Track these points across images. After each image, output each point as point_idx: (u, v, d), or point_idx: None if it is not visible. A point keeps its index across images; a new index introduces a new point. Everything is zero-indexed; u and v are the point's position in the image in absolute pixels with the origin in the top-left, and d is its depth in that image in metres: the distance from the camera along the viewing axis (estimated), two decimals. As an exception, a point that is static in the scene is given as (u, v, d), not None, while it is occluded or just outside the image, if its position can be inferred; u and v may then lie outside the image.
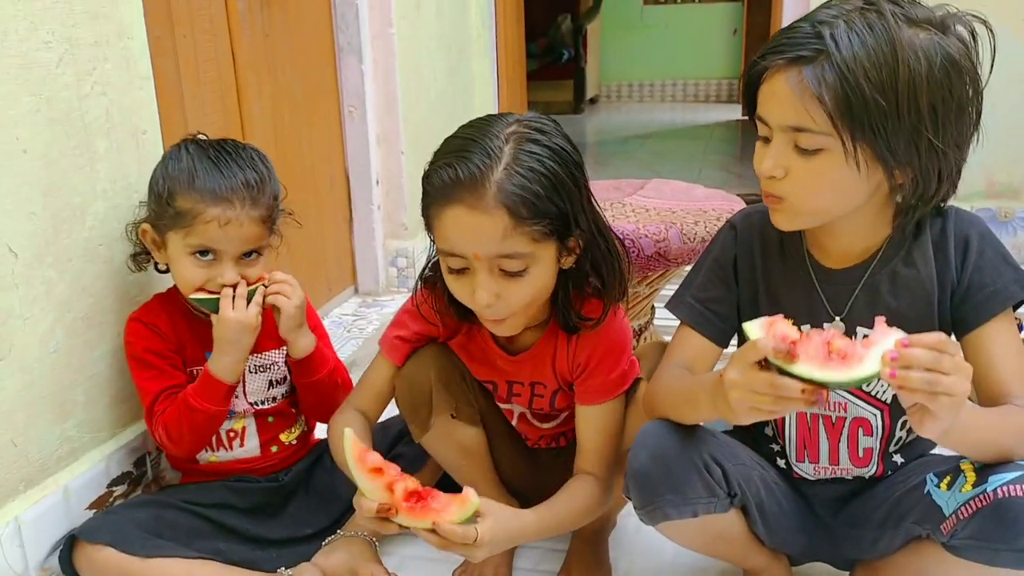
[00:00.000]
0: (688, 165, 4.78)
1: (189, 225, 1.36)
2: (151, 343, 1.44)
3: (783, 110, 1.06)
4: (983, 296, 1.15)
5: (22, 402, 1.32)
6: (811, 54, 1.02)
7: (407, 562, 1.51)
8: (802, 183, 1.08)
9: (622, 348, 1.32)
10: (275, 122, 2.23)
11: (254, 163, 1.42)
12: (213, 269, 1.38)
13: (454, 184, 1.13)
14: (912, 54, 1.01)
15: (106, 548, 1.30)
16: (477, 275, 1.17)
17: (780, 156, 1.08)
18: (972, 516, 1.04)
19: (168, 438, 1.41)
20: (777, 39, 1.07)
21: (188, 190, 1.36)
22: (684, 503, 1.15)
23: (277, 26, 2.21)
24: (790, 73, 1.04)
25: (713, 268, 1.27)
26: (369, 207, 2.68)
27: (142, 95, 1.53)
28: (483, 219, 1.12)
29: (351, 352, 2.32)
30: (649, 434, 1.17)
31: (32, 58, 1.29)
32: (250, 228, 1.38)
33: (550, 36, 6.89)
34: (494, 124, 1.18)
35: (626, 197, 2.02)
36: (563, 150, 1.18)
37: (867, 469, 1.26)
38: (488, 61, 3.58)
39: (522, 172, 1.13)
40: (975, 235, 1.17)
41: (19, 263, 1.30)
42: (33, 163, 1.31)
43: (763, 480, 1.25)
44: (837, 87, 1.01)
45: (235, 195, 1.36)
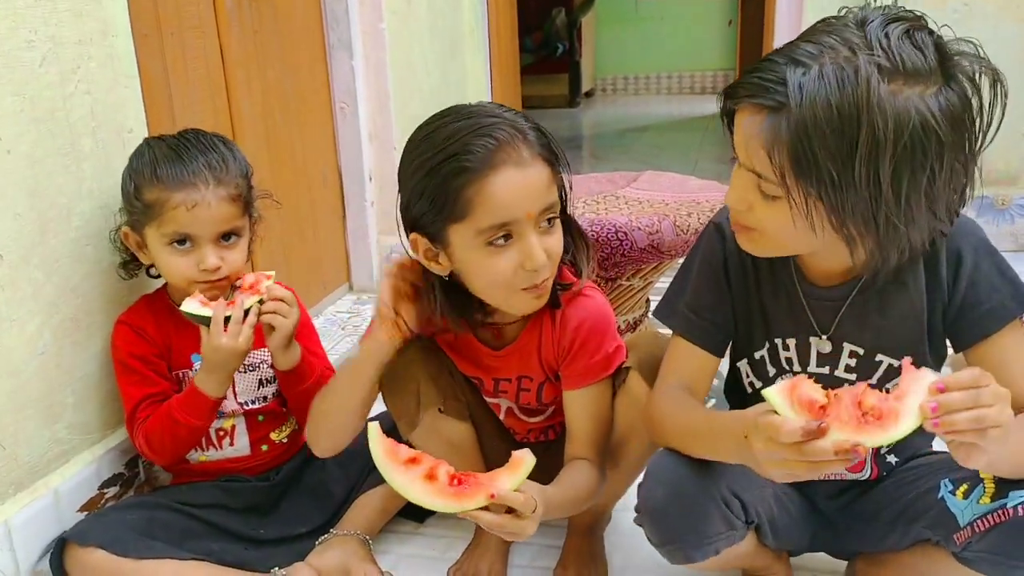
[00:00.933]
0: (685, 157, 4.77)
1: (159, 215, 1.35)
2: (136, 347, 1.43)
3: (744, 150, 1.02)
4: (977, 315, 1.09)
5: (10, 405, 1.31)
6: (774, 104, 0.95)
7: (403, 560, 1.50)
8: (762, 223, 1.05)
9: (604, 329, 1.31)
10: (266, 120, 2.22)
11: (214, 145, 1.41)
12: (193, 255, 1.37)
13: (496, 149, 1.13)
14: (882, 119, 0.91)
15: (97, 550, 1.29)
16: (527, 238, 1.16)
17: (745, 191, 1.04)
18: (989, 530, 1.02)
19: (149, 447, 1.41)
20: (753, 71, 1.00)
21: (152, 181, 1.36)
22: (706, 543, 1.13)
23: (266, 22, 2.20)
24: (753, 118, 0.98)
25: (703, 272, 1.23)
26: (362, 204, 2.66)
27: (127, 93, 1.51)
28: (531, 172, 1.15)
29: (346, 350, 2.30)
30: (664, 468, 1.14)
31: (15, 57, 1.28)
32: (219, 208, 1.37)
33: (545, 30, 6.87)
34: (483, 106, 1.20)
35: (619, 189, 2.01)
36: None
37: (861, 475, 1.25)
38: (481, 55, 3.56)
39: (534, 128, 1.18)
40: (968, 249, 1.09)
41: (5, 264, 1.29)
42: (17, 163, 1.30)
43: (775, 496, 1.23)
44: (790, 146, 0.94)
45: (197, 177, 1.36)
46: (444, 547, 1.53)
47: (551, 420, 1.45)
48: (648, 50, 7.46)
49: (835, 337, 1.17)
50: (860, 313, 1.14)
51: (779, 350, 1.21)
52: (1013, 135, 2.82)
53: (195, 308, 1.35)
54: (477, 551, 1.47)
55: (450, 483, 1.05)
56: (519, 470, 1.06)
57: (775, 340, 1.21)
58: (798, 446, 0.90)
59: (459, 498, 1.04)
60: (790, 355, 1.20)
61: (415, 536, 1.57)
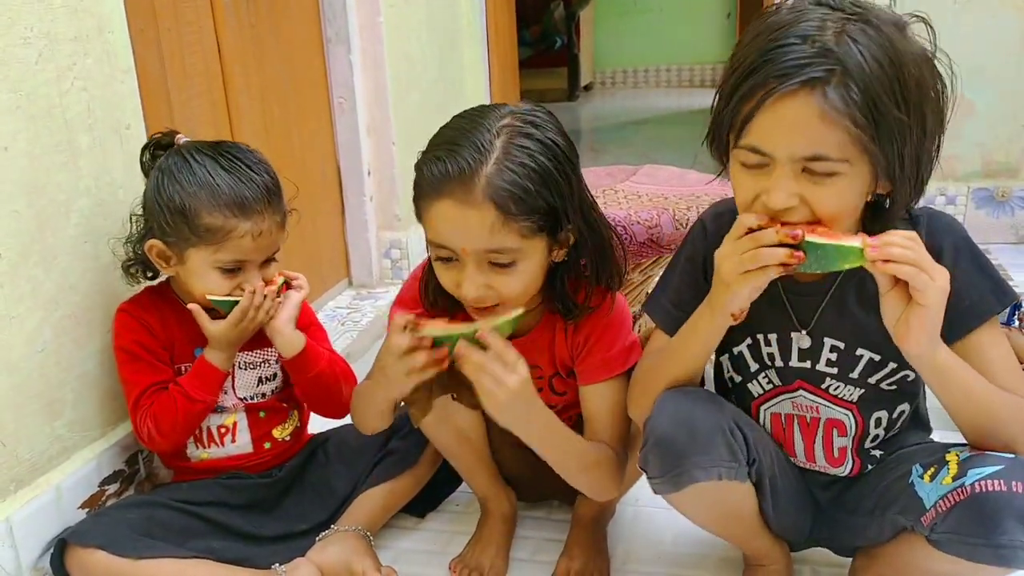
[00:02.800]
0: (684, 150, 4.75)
1: (220, 242, 1.33)
2: (138, 336, 1.42)
3: (796, 139, 0.98)
4: (958, 312, 1.08)
5: (10, 402, 1.31)
6: (825, 74, 0.95)
7: (403, 555, 1.50)
8: (821, 207, 1.01)
9: (620, 324, 1.31)
10: (264, 115, 2.21)
11: (263, 165, 1.39)
12: (238, 279, 1.38)
13: (443, 178, 1.12)
14: (911, 61, 0.97)
15: (97, 551, 1.28)
16: (465, 268, 1.16)
17: (792, 183, 1.00)
18: (950, 510, 1.03)
19: (158, 431, 1.39)
20: (768, 58, 0.98)
21: (215, 206, 1.33)
22: (711, 464, 1.12)
23: (263, 17, 2.19)
24: (806, 98, 0.95)
25: (686, 268, 1.25)
26: (361, 199, 2.66)
27: (124, 89, 1.51)
28: (471, 214, 1.12)
29: (346, 345, 2.30)
30: (667, 401, 1.15)
31: (11, 54, 1.28)
32: (275, 235, 1.38)
33: (543, 23, 6.85)
34: (487, 116, 1.17)
35: (618, 183, 2.01)
36: (555, 145, 1.17)
37: (842, 468, 1.25)
38: (479, 49, 3.55)
39: (512, 167, 1.12)
40: (949, 245, 1.10)
41: (4, 262, 1.28)
42: (15, 161, 1.29)
43: (776, 454, 1.24)
44: (865, 107, 0.95)
45: (262, 204, 1.35)
46: (445, 542, 1.54)
47: (560, 414, 1.44)
48: (647, 43, 7.44)
49: (815, 332, 1.18)
50: (840, 306, 1.15)
51: (761, 346, 1.22)
52: (1013, 127, 2.82)
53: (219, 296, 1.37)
54: (479, 545, 1.47)
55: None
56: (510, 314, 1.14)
57: (757, 336, 1.22)
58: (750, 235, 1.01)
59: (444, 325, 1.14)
60: (772, 350, 1.22)
61: (416, 531, 1.58)
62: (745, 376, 1.26)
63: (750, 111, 1.00)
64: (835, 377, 1.19)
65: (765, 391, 1.25)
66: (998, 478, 0.99)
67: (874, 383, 1.19)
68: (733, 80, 1.03)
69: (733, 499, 1.20)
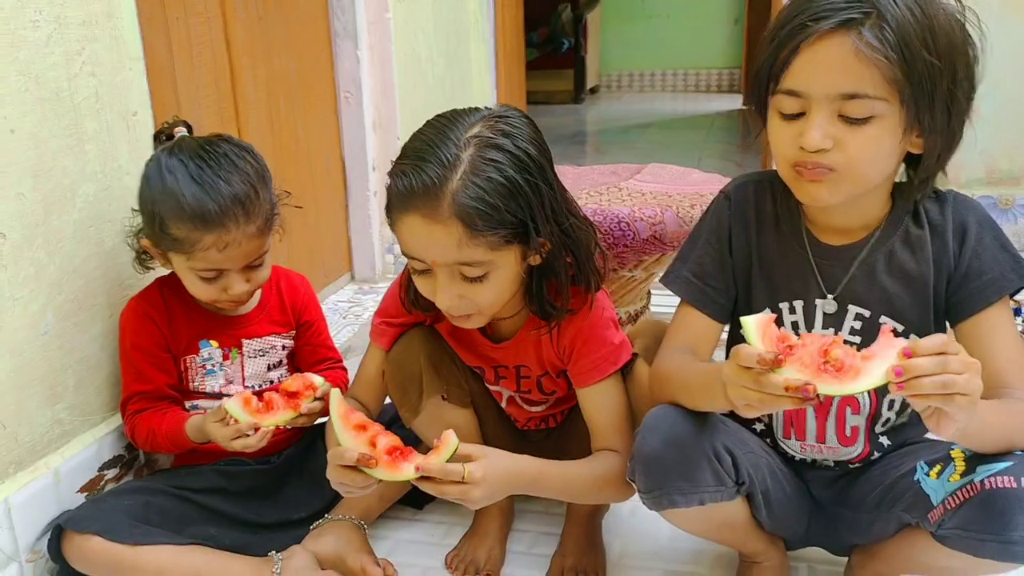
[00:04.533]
0: (689, 154, 4.76)
1: (189, 251, 1.34)
2: (140, 338, 1.43)
3: (834, 77, 1.01)
4: (980, 284, 1.13)
5: (12, 384, 1.31)
6: (861, 16, 0.99)
7: (401, 545, 1.51)
8: (853, 153, 1.04)
9: (604, 325, 1.31)
10: (270, 107, 2.22)
11: (239, 170, 1.35)
12: (220, 283, 1.38)
13: (409, 193, 1.12)
14: (942, 15, 1.01)
15: (94, 537, 1.29)
16: (437, 280, 1.17)
17: (828, 126, 1.03)
18: (959, 507, 1.03)
19: (134, 439, 1.45)
20: (804, 7, 1.03)
21: (178, 218, 1.32)
22: (692, 491, 1.13)
23: (271, 10, 2.20)
24: (842, 37, 1.00)
25: (709, 240, 1.25)
26: (365, 194, 2.67)
27: (132, 76, 1.51)
28: (438, 229, 1.11)
29: (347, 338, 2.31)
30: (660, 418, 1.15)
31: (20, 36, 1.28)
32: (249, 244, 1.36)
33: (551, 25, 6.87)
34: (457, 126, 1.14)
35: (623, 181, 2.01)
36: (526, 155, 1.14)
37: (853, 449, 1.25)
38: (486, 48, 3.56)
39: (478, 183, 1.10)
40: (973, 221, 1.14)
41: (8, 244, 1.29)
42: (21, 143, 1.30)
43: (769, 467, 1.24)
44: (897, 47, 0.99)
45: (227, 217, 1.32)
46: (442, 533, 1.54)
47: (552, 409, 1.45)
48: (654, 47, 7.45)
49: (841, 297, 1.19)
50: (869, 273, 1.17)
51: (784, 315, 1.22)
52: (1017, 135, 2.82)
53: (237, 411, 1.32)
54: (475, 538, 1.47)
55: (388, 453, 1.12)
56: (445, 447, 1.11)
57: (780, 305, 1.22)
58: (755, 374, 0.93)
59: (389, 466, 1.12)
60: (796, 318, 1.22)
61: (414, 522, 1.58)
62: None
63: (788, 55, 1.04)
64: (858, 348, 1.19)
65: None
66: (1008, 474, 1.00)
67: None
68: (772, 31, 1.07)
69: (722, 515, 1.21)
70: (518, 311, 1.32)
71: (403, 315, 1.36)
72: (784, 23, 1.05)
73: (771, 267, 1.22)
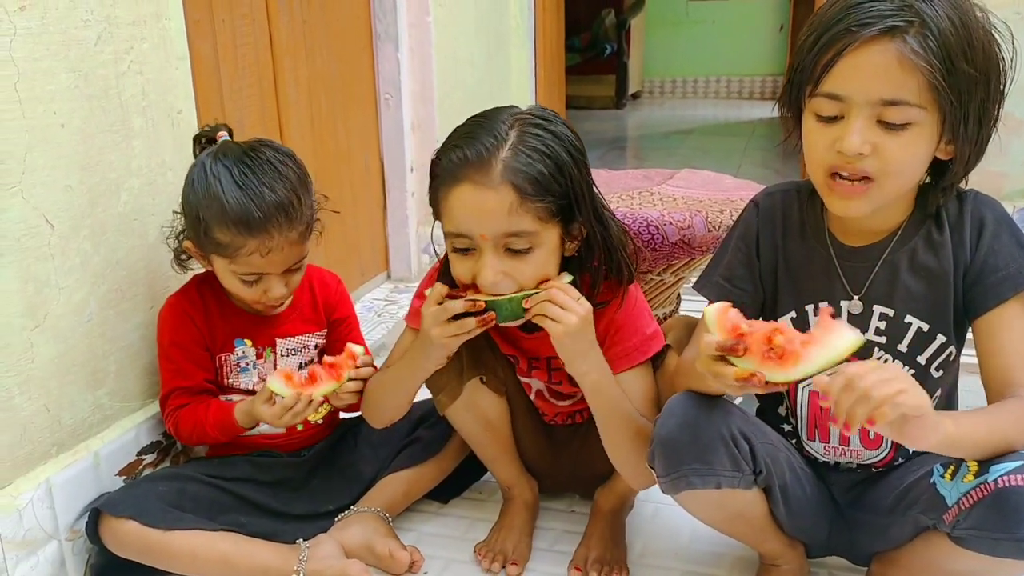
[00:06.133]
0: (729, 161, 4.74)
1: (232, 256, 1.38)
2: (178, 335, 1.48)
3: (875, 83, 1.03)
4: (995, 279, 1.14)
5: (56, 369, 1.36)
6: (905, 24, 1.01)
7: (425, 538, 1.53)
8: (890, 159, 1.06)
9: (637, 315, 1.34)
10: (311, 107, 2.27)
11: (282, 177, 1.38)
12: (260, 286, 1.42)
13: (461, 163, 1.18)
14: (980, 28, 1.03)
15: (129, 521, 1.33)
16: (483, 255, 1.20)
17: (867, 131, 1.05)
18: (973, 506, 1.04)
19: (177, 433, 1.49)
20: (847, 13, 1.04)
21: (222, 223, 1.35)
22: (709, 473, 1.15)
23: (315, 12, 2.25)
24: (886, 44, 1.02)
25: (738, 247, 1.28)
26: (403, 194, 2.70)
27: (178, 75, 1.57)
28: (490, 195, 1.16)
29: (381, 336, 2.34)
30: (677, 404, 1.18)
31: (72, 35, 1.33)
32: (291, 249, 1.40)
33: (593, 30, 6.87)
34: (500, 112, 1.23)
35: (655, 186, 2.02)
36: (566, 135, 1.22)
37: (877, 452, 1.26)
38: (526, 52, 3.59)
39: (526, 152, 1.17)
40: (991, 217, 1.16)
41: (55, 234, 1.34)
42: (71, 137, 1.35)
43: (789, 463, 1.25)
44: (940, 56, 1.01)
45: (270, 223, 1.35)
46: (466, 527, 1.56)
47: (579, 405, 1.47)
48: (697, 53, 7.42)
49: (865, 298, 1.20)
50: (892, 272, 1.18)
51: (809, 316, 1.24)
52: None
53: (280, 388, 1.37)
54: (503, 530, 1.50)
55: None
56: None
57: (805, 307, 1.24)
58: (713, 364, 1.02)
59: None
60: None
61: (438, 516, 1.61)
62: None
63: (831, 58, 1.05)
64: (883, 348, 1.21)
65: None
66: (1021, 473, 1.00)
67: (924, 364, 1.20)
68: (813, 34, 1.08)
69: (738, 505, 1.22)
70: None
71: None
72: (826, 27, 1.06)
73: (796, 270, 1.24)
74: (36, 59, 1.28)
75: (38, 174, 1.30)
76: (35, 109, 1.28)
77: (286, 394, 1.36)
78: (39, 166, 1.30)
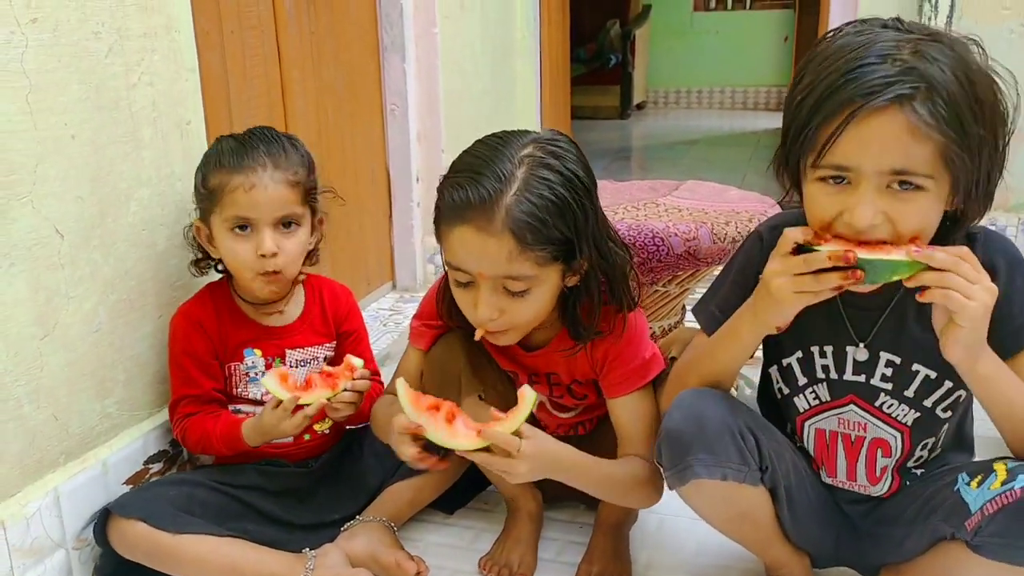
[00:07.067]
0: (734, 172, 4.75)
1: (221, 200, 1.42)
2: (189, 344, 1.49)
3: (885, 155, 0.99)
4: (1011, 329, 1.10)
5: (64, 378, 1.37)
6: (910, 91, 0.97)
7: (431, 548, 1.54)
8: (905, 224, 1.02)
9: (637, 340, 1.34)
10: (318, 118, 2.28)
11: (277, 137, 1.47)
12: (252, 240, 1.43)
13: (465, 205, 1.16)
14: (983, 79, 1.01)
15: (138, 523, 1.34)
16: (480, 292, 1.21)
17: (878, 201, 1.01)
18: (997, 513, 1.03)
19: (184, 442, 1.50)
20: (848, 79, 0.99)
21: (216, 169, 1.43)
22: (715, 464, 1.15)
23: (323, 24, 2.26)
24: (894, 113, 0.97)
25: (737, 280, 1.26)
26: (409, 204, 2.71)
27: (188, 87, 1.58)
28: (490, 241, 1.16)
29: (386, 345, 2.35)
30: (683, 398, 1.18)
31: (83, 47, 1.35)
32: (276, 191, 1.42)
33: (598, 41, 6.90)
34: (510, 144, 1.20)
35: (660, 197, 2.03)
36: (575, 177, 1.20)
37: (879, 487, 1.26)
38: (531, 63, 3.60)
39: (532, 199, 1.15)
40: (1003, 263, 1.12)
41: (66, 244, 1.35)
42: (81, 148, 1.36)
43: (795, 465, 1.25)
44: (952, 122, 0.97)
45: (256, 162, 1.42)
46: (472, 538, 1.57)
47: (580, 417, 1.48)
48: (702, 64, 7.44)
49: (872, 345, 1.18)
50: (899, 321, 1.16)
51: (815, 358, 1.23)
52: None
53: (274, 387, 1.38)
54: (508, 542, 1.50)
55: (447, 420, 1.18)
56: (520, 407, 1.16)
57: (810, 349, 1.23)
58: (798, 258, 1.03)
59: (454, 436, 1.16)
60: (827, 362, 1.22)
61: (444, 526, 1.61)
62: (792, 389, 1.27)
63: (835, 130, 1.00)
64: (889, 393, 1.20)
65: (811, 406, 1.26)
66: None
67: (930, 406, 1.19)
68: (811, 102, 1.03)
69: (744, 502, 1.22)
70: (551, 323, 1.35)
71: (438, 321, 1.41)
72: (826, 93, 1.01)
73: (800, 313, 1.18)
74: (48, 71, 1.29)
75: (49, 184, 1.31)
76: (46, 120, 1.29)
77: (278, 393, 1.37)
78: (50, 177, 1.31)
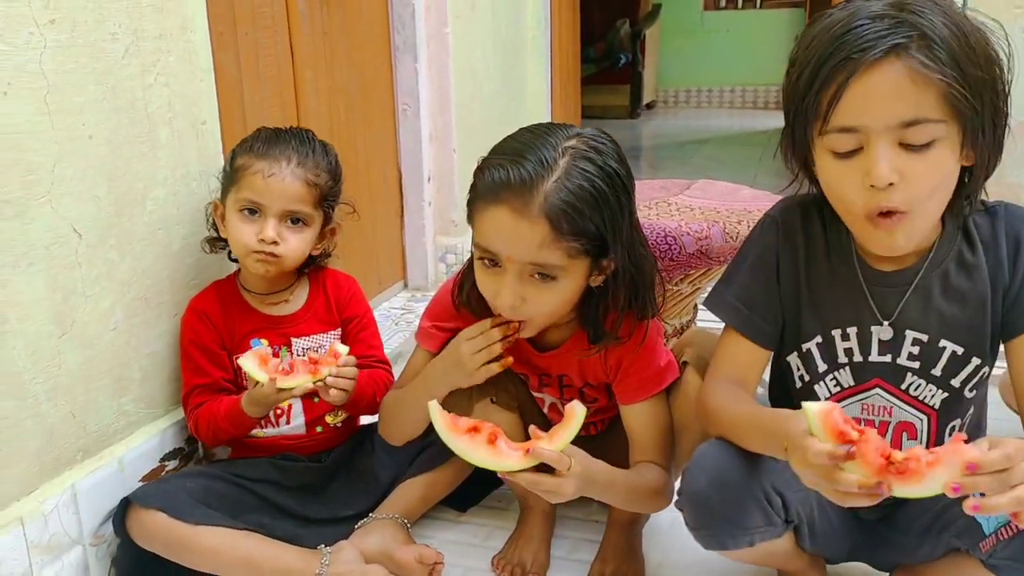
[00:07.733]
0: (744, 171, 4.75)
1: (239, 180, 1.46)
2: (197, 336, 1.52)
3: (891, 105, 0.98)
4: None
5: (82, 376, 1.39)
6: (906, 40, 0.97)
7: (444, 545, 1.54)
8: (920, 183, 1.00)
9: (652, 346, 1.34)
10: (331, 118, 2.29)
11: (311, 139, 1.52)
12: (256, 225, 1.46)
13: (504, 185, 1.16)
14: (973, 29, 1.00)
15: (158, 513, 1.35)
16: (506, 276, 1.20)
17: (893, 159, 0.99)
18: (1013, 538, 1.03)
19: (197, 434, 1.52)
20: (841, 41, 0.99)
21: (245, 152, 1.48)
22: (742, 533, 1.14)
23: (335, 25, 2.27)
24: (893, 64, 0.97)
25: (755, 266, 1.23)
26: (420, 203, 2.72)
27: (203, 87, 1.59)
28: (524, 225, 1.15)
29: (398, 344, 2.36)
30: (709, 456, 1.15)
31: (100, 48, 1.36)
32: (292, 185, 1.45)
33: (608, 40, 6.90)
34: (555, 134, 1.20)
35: (672, 196, 2.03)
36: (616, 173, 1.19)
37: None
38: (542, 63, 3.61)
39: (571, 187, 1.15)
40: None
41: (83, 243, 1.36)
42: (98, 148, 1.37)
43: (818, 500, 1.22)
44: (951, 64, 0.96)
45: (282, 154, 1.46)
46: (485, 535, 1.57)
47: (593, 417, 1.48)
48: (712, 63, 7.44)
49: (897, 324, 1.16)
50: (925, 297, 1.14)
51: (837, 341, 1.20)
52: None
53: (252, 368, 1.39)
54: (521, 540, 1.50)
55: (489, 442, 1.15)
56: (569, 424, 1.13)
57: (831, 332, 1.20)
58: (827, 470, 0.92)
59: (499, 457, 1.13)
60: (850, 345, 1.19)
61: (457, 524, 1.62)
62: (813, 377, 1.23)
63: (836, 91, 0.99)
64: (916, 373, 1.17)
65: (832, 394, 1.22)
66: None
67: (958, 386, 1.17)
68: (806, 71, 1.03)
69: (768, 548, 1.20)
70: (566, 323, 1.35)
71: (453, 319, 1.40)
72: (820, 61, 1.01)
73: (821, 294, 1.19)
74: (65, 71, 1.30)
75: (66, 184, 1.32)
76: (64, 121, 1.31)
77: (255, 373, 1.39)
78: (67, 176, 1.32)
